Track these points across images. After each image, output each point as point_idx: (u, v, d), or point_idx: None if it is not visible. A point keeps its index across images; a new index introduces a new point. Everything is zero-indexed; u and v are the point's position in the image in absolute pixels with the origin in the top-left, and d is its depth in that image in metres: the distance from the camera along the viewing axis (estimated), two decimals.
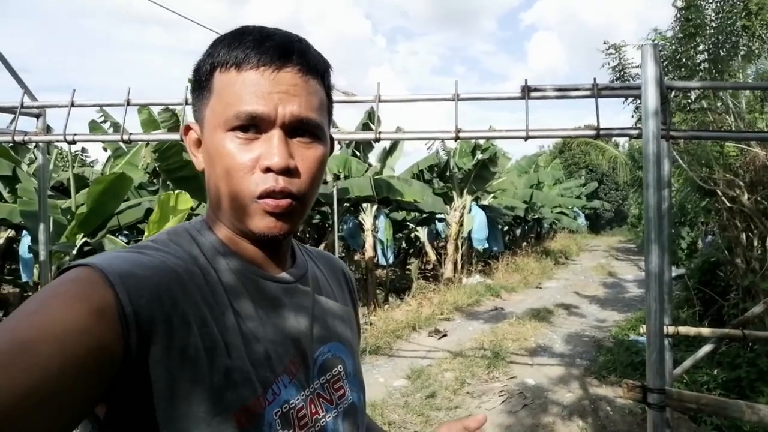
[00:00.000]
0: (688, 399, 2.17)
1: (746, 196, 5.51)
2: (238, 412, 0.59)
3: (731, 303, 6.06)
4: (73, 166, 8.98)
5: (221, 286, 0.64)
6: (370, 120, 7.68)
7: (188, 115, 3.39)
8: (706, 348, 3.31)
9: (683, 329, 3.27)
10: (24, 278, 7.37)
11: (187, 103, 3.13)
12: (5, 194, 7.46)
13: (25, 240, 7.04)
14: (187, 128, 0.72)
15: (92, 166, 14.43)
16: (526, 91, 3.05)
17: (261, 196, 0.63)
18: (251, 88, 0.63)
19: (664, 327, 3.11)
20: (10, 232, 8.71)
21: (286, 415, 0.65)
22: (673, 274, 10.15)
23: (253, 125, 0.63)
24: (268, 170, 0.63)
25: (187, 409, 0.56)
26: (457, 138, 3.09)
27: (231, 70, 0.64)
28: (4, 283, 8.73)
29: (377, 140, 3.27)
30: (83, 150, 15.97)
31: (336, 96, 3.36)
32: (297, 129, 0.65)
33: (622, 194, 32.60)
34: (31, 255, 6.80)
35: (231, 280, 0.66)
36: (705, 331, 3.60)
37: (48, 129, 4.89)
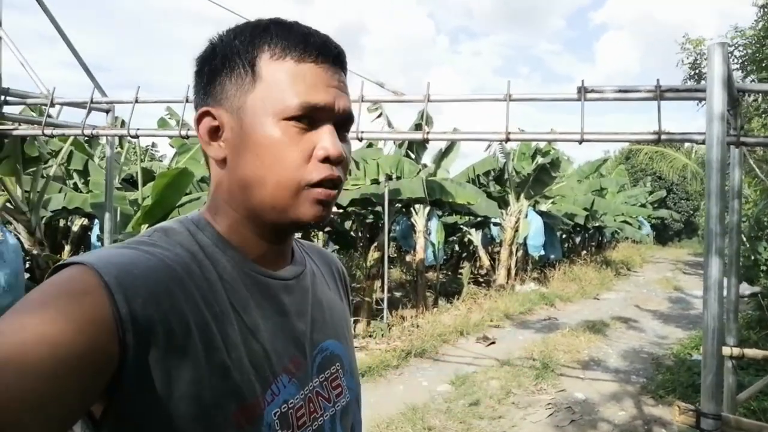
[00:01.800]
0: (747, 427, 1.99)
1: None
2: (237, 412, 0.58)
3: None
4: (142, 160, 9.50)
5: (220, 284, 0.63)
6: (422, 119, 7.64)
7: (187, 114, 3.47)
8: None
9: (750, 352, 3.02)
10: None
11: (187, 101, 3.22)
12: (80, 185, 8.00)
13: (96, 228, 7.52)
14: (205, 114, 0.66)
15: (161, 161, 15.23)
16: (582, 92, 2.92)
17: (316, 185, 0.64)
18: (315, 79, 0.64)
19: (727, 348, 2.89)
20: (84, 221, 9.34)
21: (285, 415, 0.64)
22: (747, 292, 9.49)
23: (308, 116, 0.64)
24: (326, 160, 0.64)
25: (186, 410, 0.55)
26: (507, 140, 3.00)
27: (287, 60, 0.63)
28: None
29: (426, 141, 3.23)
30: (153, 145, 16.86)
31: (385, 95, 3.36)
32: (343, 123, 0.67)
33: (693, 204, 30.79)
34: (100, 243, 7.23)
35: (231, 278, 0.64)
36: None
37: (123, 124, 5.17)
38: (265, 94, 0.63)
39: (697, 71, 5.85)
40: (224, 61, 0.65)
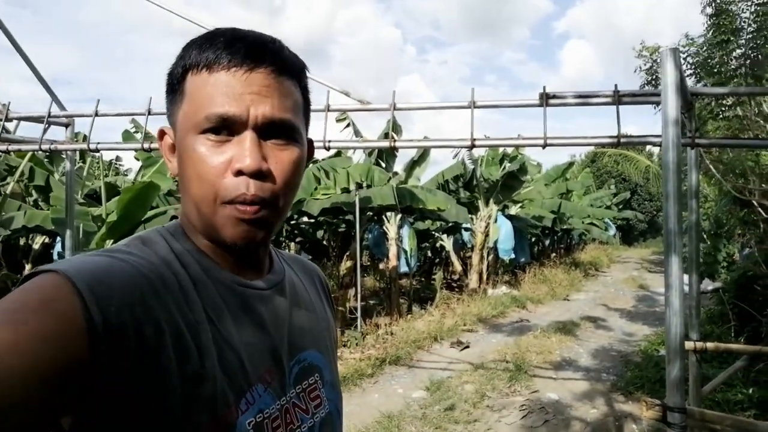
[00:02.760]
0: (711, 419, 2.06)
1: None
2: (209, 422, 0.57)
3: None
4: (106, 175, 9.26)
5: (195, 293, 0.62)
6: (390, 128, 7.68)
7: (150, 126, 3.42)
8: (737, 365, 3.16)
9: (711, 345, 3.12)
10: None
11: (149, 113, 3.17)
12: (41, 202, 7.75)
13: (59, 246, 7.28)
14: (162, 133, 0.70)
15: (126, 175, 14.87)
16: (544, 98, 2.99)
17: (231, 202, 0.61)
18: (222, 89, 0.61)
19: (690, 342, 2.98)
20: (46, 239, 9.03)
21: (260, 425, 0.63)
22: (710, 288, 9.78)
23: (224, 127, 0.62)
24: (239, 173, 0.61)
25: (159, 419, 0.54)
26: (473, 146, 3.04)
27: (202, 72, 0.62)
28: None
29: (393, 149, 3.25)
30: (118, 159, 16.46)
31: (351, 104, 3.37)
32: (270, 131, 0.63)
33: (656, 205, 31.74)
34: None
35: (205, 287, 0.64)
36: (735, 347, 3.45)
37: (85, 138, 5.03)
38: (186, 108, 0.64)
39: (653, 77, 6.05)
40: (168, 80, 0.67)
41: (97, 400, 0.51)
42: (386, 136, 7.81)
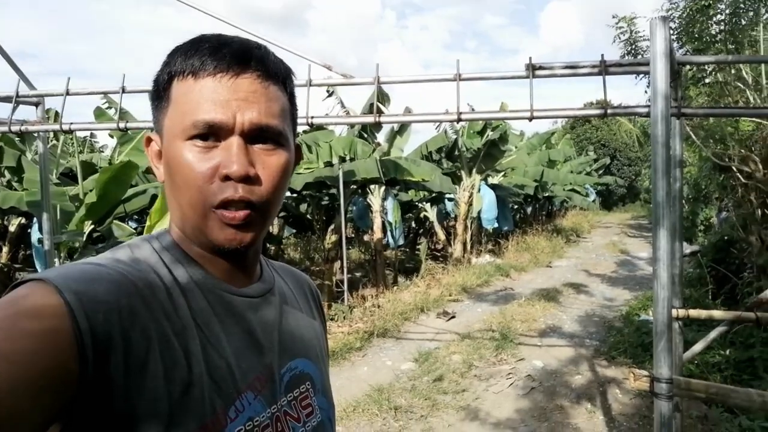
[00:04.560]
0: (696, 388, 2.11)
1: (762, 172, 5.35)
2: (197, 429, 0.58)
3: (745, 281, 5.95)
4: (81, 152, 9.00)
5: (184, 300, 0.62)
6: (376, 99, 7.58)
7: (125, 104, 3.27)
8: (718, 330, 3.24)
9: (694, 312, 3.18)
10: (37, 265, 7.46)
11: (123, 91, 3.04)
12: (14, 183, 7.51)
13: (36, 227, 7.10)
14: (149, 140, 0.70)
15: (102, 152, 14.49)
16: (531, 69, 2.94)
17: (219, 206, 0.62)
18: (208, 95, 0.61)
19: (673, 310, 3.04)
20: (22, 220, 8.81)
21: None
22: (688, 251, 10.02)
23: (211, 134, 0.62)
24: (227, 178, 0.61)
25: (146, 426, 0.54)
26: (458, 120, 3.00)
27: (188, 79, 0.63)
28: (17, 270, 8.84)
29: (377, 124, 3.19)
30: (92, 135, 16.01)
31: (335, 78, 3.28)
32: (257, 136, 0.63)
33: (635, 170, 32.15)
34: (40, 244, 6.85)
35: (194, 295, 0.64)
36: (717, 314, 3.50)
37: (56, 116, 4.86)
38: (173, 115, 0.64)
39: (633, 46, 6.01)
40: (154, 86, 0.67)
41: (85, 407, 0.51)
42: (371, 107, 7.70)
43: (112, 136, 8.13)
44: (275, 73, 0.65)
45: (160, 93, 0.66)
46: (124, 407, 0.53)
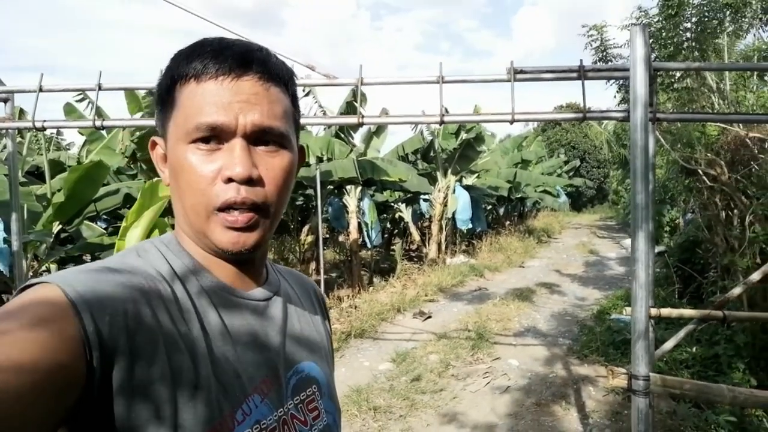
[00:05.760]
0: (672, 384, 2.18)
1: (726, 175, 5.55)
2: None
3: (710, 281, 6.16)
4: (48, 149, 8.72)
5: (191, 304, 0.63)
6: (355, 99, 7.56)
7: (100, 102, 3.21)
8: (687, 328, 3.35)
9: (666, 311, 3.27)
10: (0, 266, 7.19)
11: (100, 89, 2.98)
12: None
13: (1, 228, 6.84)
14: (153, 143, 0.71)
15: (68, 149, 14.08)
16: (512, 73, 2.99)
17: (222, 209, 0.62)
18: (210, 98, 0.62)
19: (652, 309, 3.13)
20: None
21: None
22: (654, 251, 10.28)
23: (214, 136, 0.62)
24: (230, 181, 0.61)
25: (153, 429, 0.54)
26: (441, 122, 3.03)
27: (190, 82, 0.63)
28: None
29: (360, 125, 3.20)
30: (58, 133, 15.53)
31: (317, 79, 3.27)
32: (260, 138, 0.64)
33: (604, 172, 32.89)
34: (7, 245, 6.61)
35: (201, 298, 0.64)
36: (687, 312, 3.62)
37: (21, 113, 4.70)
38: (176, 119, 0.64)
39: (603, 53, 6.17)
40: (157, 91, 0.68)
41: (91, 410, 0.52)
42: (348, 105, 7.69)
43: (81, 134, 7.92)
44: (277, 75, 0.66)
45: (163, 97, 0.66)
46: (130, 410, 0.53)
